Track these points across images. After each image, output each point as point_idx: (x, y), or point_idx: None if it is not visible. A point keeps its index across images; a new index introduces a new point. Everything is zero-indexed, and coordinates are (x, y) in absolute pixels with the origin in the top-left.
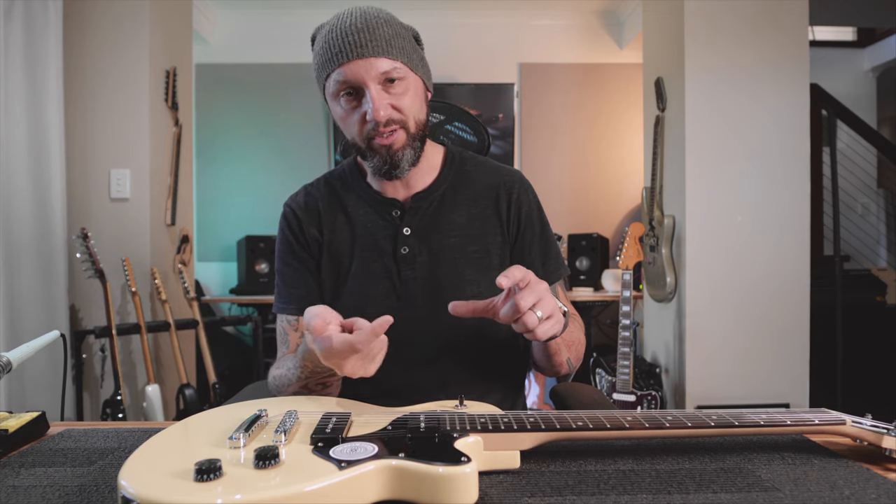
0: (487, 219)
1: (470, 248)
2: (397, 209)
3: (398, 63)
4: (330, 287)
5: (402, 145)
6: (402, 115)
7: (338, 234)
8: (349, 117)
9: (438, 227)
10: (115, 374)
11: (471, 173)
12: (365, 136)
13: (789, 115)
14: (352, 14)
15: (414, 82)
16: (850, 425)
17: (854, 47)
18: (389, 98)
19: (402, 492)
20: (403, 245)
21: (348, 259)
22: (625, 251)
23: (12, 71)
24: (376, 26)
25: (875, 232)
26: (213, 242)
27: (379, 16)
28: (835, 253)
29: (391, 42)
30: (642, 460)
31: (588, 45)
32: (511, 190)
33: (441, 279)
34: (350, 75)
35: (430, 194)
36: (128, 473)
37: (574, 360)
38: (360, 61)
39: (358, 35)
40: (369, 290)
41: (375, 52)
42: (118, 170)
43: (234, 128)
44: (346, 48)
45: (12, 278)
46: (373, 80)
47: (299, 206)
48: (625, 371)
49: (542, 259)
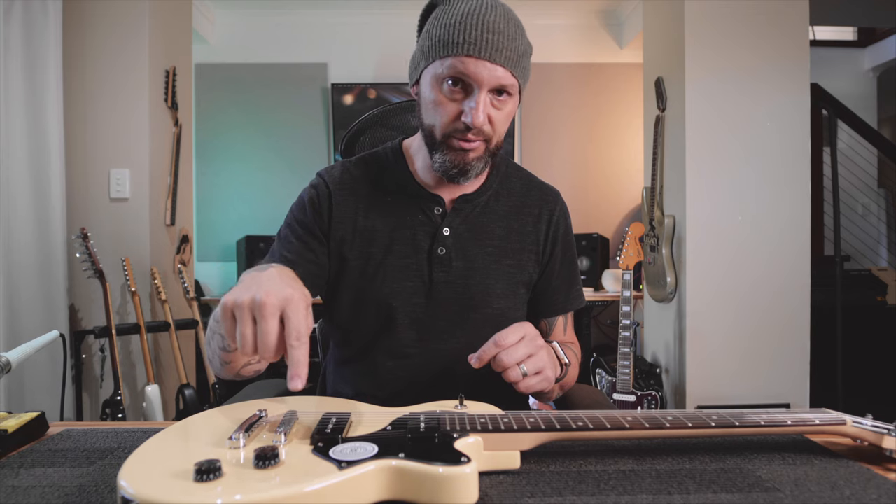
0: (527, 235)
1: (505, 262)
2: (440, 207)
3: (516, 81)
4: (356, 273)
5: (478, 156)
6: (492, 131)
7: (373, 221)
8: (443, 106)
9: (478, 234)
10: (115, 374)
11: (516, 185)
12: (449, 131)
13: (790, 115)
14: (495, 8)
15: (514, 103)
16: (851, 425)
17: (854, 47)
18: (491, 109)
19: (402, 492)
20: (441, 245)
21: (382, 248)
22: (625, 251)
23: (12, 71)
24: (515, 35)
25: (875, 232)
26: (213, 242)
27: (519, 24)
28: (835, 253)
29: (521, 59)
30: (642, 460)
31: (588, 44)
32: (553, 210)
33: (472, 288)
34: (471, 71)
35: (475, 198)
36: (127, 474)
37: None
38: (488, 64)
39: (498, 36)
40: (399, 284)
41: (506, 62)
42: (118, 170)
43: (234, 128)
44: (480, 43)
45: (12, 278)
46: (488, 87)
47: (334, 180)
48: (625, 371)
49: (566, 284)
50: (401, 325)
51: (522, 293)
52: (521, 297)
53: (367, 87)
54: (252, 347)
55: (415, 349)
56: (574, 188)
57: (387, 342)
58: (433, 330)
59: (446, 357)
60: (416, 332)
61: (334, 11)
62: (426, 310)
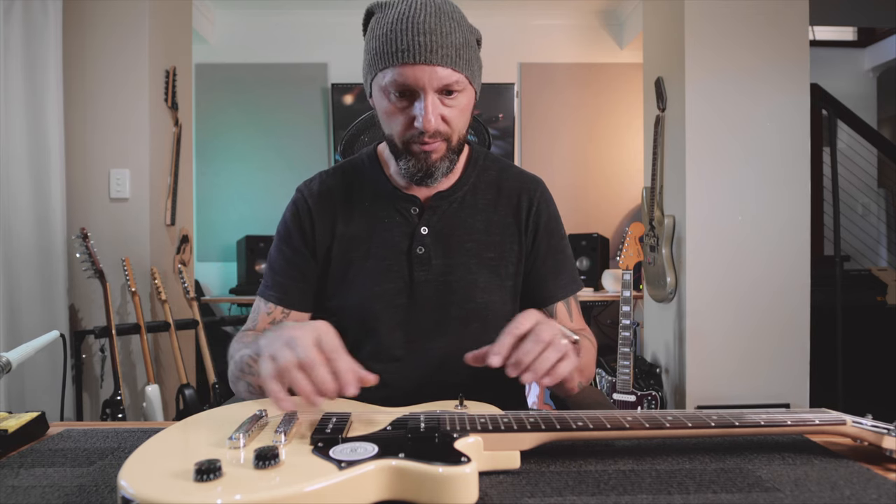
0: (507, 227)
1: (486, 255)
2: (416, 206)
3: (461, 76)
4: (338, 280)
5: (440, 156)
6: (449, 129)
7: (352, 227)
8: (394, 115)
9: (457, 229)
10: (115, 374)
11: (493, 177)
12: (407, 138)
13: (789, 115)
14: (425, 7)
15: (468, 96)
16: (851, 425)
17: (854, 47)
18: (442, 109)
19: (402, 492)
20: (419, 245)
21: (361, 253)
22: (625, 251)
23: (12, 71)
24: (450, 31)
25: (875, 232)
26: (213, 242)
27: (453, 15)
28: (835, 253)
29: (460, 52)
30: (642, 460)
31: (588, 44)
32: (532, 198)
33: (454, 284)
34: (411, 79)
35: (451, 195)
36: (127, 474)
37: (585, 381)
38: (426, 67)
39: (429, 37)
40: (380, 287)
41: (444, 61)
42: (118, 170)
43: (234, 128)
44: (413, 49)
45: (12, 278)
46: (432, 89)
47: (312, 194)
48: (625, 371)
49: (554, 272)
50: (386, 328)
51: (509, 285)
52: (508, 289)
53: None
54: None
55: (402, 350)
56: (574, 188)
57: (374, 346)
58: (419, 330)
59: (436, 356)
60: (402, 334)
61: (334, 11)
62: (410, 310)
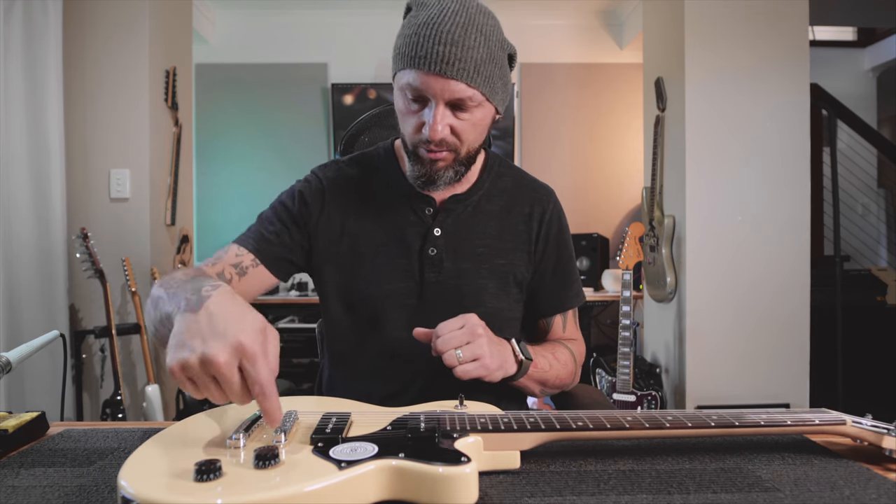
0: (519, 235)
1: (497, 261)
2: (430, 207)
3: (476, 91)
4: (348, 273)
5: (445, 165)
6: (458, 141)
7: (364, 221)
8: (408, 116)
9: (469, 234)
10: (115, 374)
11: (507, 184)
12: (415, 141)
13: (789, 115)
14: (455, 16)
15: (484, 111)
16: (851, 425)
17: (854, 47)
18: (452, 120)
19: (402, 492)
20: (432, 246)
21: (372, 249)
22: (625, 251)
23: (12, 71)
24: (473, 44)
25: (875, 232)
26: (213, 242)
27: (482, 28)
28: (835, 253)
29: (479, 68)
30: (642, 460)
31: (588, 45)
32: (545, 209)
33: (463, 287)
34: (423, 86)
35: (466, 198)
36: (127, 473)
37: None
38: (440, 78)
39: (450, 48)
40: (390, 285)
41: (459, 75)
42: (118, 170)
43: (234, 128)
44: (431, 58)
45: (12, 278)
46: (443, 100)
47: (328, 179)
48: (625, 371)
49: (560, 284)
50: (393, 327)
51: (515, 292)
52: (515, 296)
53: (367, 87)
54: (226, 400)
55: (407, 349)
56: (574, 188)
57: (379, 343)
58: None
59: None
60: (408, 334)
61: (334, 11)
62: (418, 311)
